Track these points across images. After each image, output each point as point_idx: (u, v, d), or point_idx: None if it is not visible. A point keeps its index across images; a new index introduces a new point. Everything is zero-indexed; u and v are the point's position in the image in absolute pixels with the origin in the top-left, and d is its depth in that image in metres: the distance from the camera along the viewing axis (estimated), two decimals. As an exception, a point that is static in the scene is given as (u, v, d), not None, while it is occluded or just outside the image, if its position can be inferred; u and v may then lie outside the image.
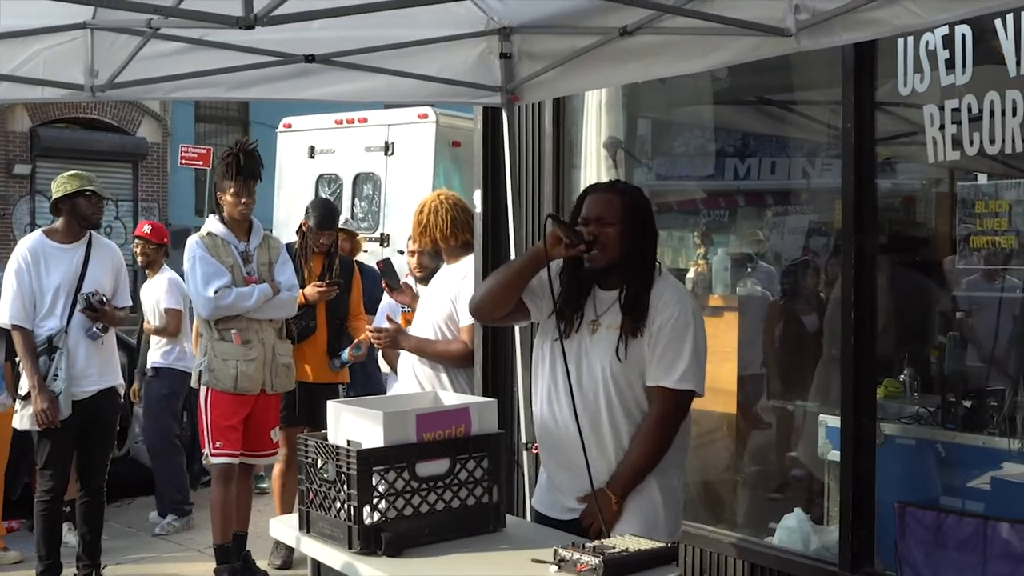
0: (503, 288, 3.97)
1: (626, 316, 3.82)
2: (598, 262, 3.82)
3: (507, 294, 3.97)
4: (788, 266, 6.13)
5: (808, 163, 6.12)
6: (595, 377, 3.86)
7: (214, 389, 6.26)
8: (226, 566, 6.37)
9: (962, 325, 5.01)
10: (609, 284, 3.89)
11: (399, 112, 12.60)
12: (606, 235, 3.80)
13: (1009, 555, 3.84)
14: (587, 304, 3.91)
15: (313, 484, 3.82)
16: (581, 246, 3.77)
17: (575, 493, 3.93)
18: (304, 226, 7.35)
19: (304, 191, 12.94)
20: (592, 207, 3.87)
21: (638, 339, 3.81)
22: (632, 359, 3.82)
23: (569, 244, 3.76)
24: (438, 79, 5.17)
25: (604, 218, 3.82)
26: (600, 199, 3.89)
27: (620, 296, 3.86)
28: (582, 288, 3.91)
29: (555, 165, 6.17)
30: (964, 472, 4.73)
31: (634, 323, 3.80)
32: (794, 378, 5.96)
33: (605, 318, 3.87)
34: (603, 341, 3.85)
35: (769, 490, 5.98)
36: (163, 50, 4.67)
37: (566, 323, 3.90)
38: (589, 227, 3.81)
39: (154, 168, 23.80)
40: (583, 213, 3.88)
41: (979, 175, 4.73)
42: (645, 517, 3.86)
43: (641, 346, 3.82)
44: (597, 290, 3.91)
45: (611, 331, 3.84)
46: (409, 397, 4.77)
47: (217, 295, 6.16)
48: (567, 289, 3.92)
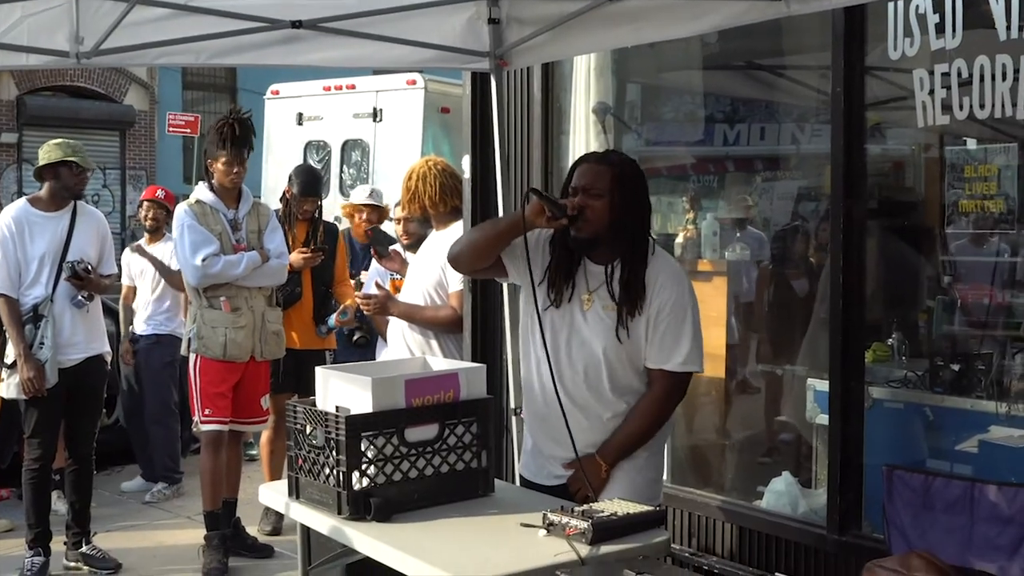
0: (482, 245, 3.97)
1: (623, 297, 3.80)
2: (583, 232, 3.79)
3: (485, 251, 3.96)
4: (777, 231, 6.14)
5: (797, 128, 6.11)
6: (591, 355, 3.84)
7: (203, 356, 6.25)
8: (216, 533, 6.36)
9: (950, 289, 5.02)
10: (599, 258, 3.86)
11: (387, 78, 12.55)
12: (592, 207, 3.76)
13: (996, 517, 3.84)
14: (578, 275, 3.89)
15: (302, 450, 3.82)
16: (563, 219, 3.74)
17: (561, 462, 3.94)
18: (288, 193, 7.32)
19: (292, 158, 12.91)
20: (581, 176, 3.83)
21: (635, 319, 3.80)
22: (630, 339, 3.82)
23: (551, 216, 3.74)
24: (426, 45, 5.14)
25: (592, 188, 3.78)
26: (590, 169, 3.85)
27: (608, 271, 3.83)
28: (573, 258, 3.88)
29: (544, 131, 6.15)
30: (951, 435, 4.74)
31: (631, 304, 3.79)
32: (782, 342, 5.98)
33: (599, 295, 3.85)
34: (600, 321, 3.83)
35: (757, 454, 6.01)
36: (149, 16, 4.62)
37: (557, 293, 3.89)
38: (576, 197, 3.78)
39: (141, 136, 23.72)
40: (573, 182, 3.85)
41: (968, 140, 4.73)
42: (629, 484, 3.87)
43: (638, 326, 3.81)
44: (587, 263, 3.88)
45: (608, 312, 3.82)
46: (397, 363, 4.78)
47: (205, 263, 6.14)
48: (557, 258, 3.90)
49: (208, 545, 6.37)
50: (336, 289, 7.44)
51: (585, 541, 3.27)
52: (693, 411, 6.08)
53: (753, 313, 6.08)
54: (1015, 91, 4.28)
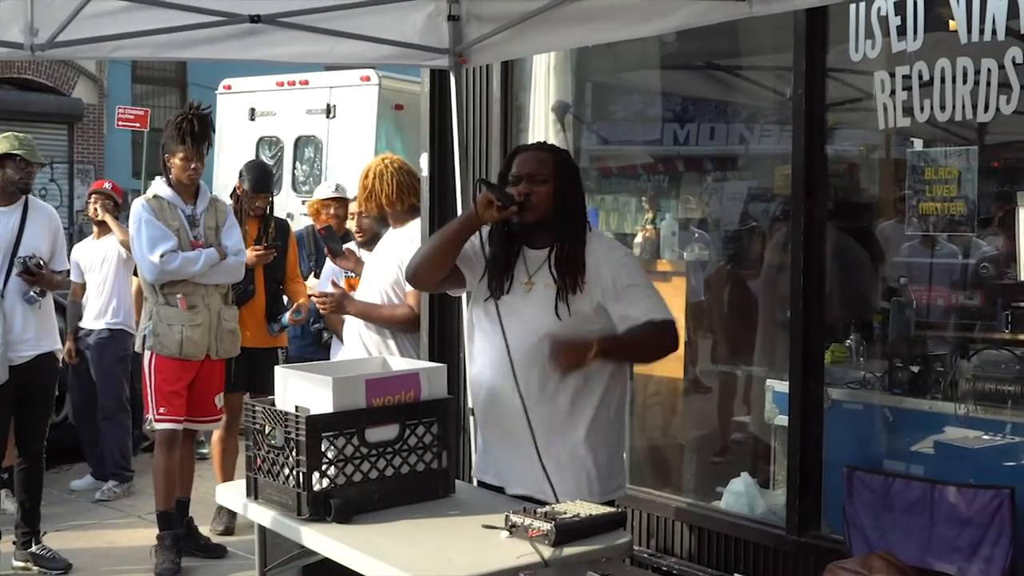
0: (437, 254, 3.97)
1: (563, 273, 3.81)
2: (529, 218, 3.82)
3: (441, 260, 3.96)
4: (735, 231, 6.15)
5: (757, 129, 6.14)
6: (538, 337, 3.80)
7: (159, 354, 6.18)
8: (169, 532, 6.29)
9: (907, 291, 5.05)
10: (538, 243, 3.89)
11: (341, 74, 12.47)
12: (537, 193, 3.82)
13: (955, 518, 3.88)
14: (517, 265, 3.91)
15: (261, 450, 3.78)
16: (513, 207, 3.77)
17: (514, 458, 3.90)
18: (239, 189, 7.24)
19: (244, 154, 12.79)
20: (523, 165, 3.89)
21: (577, 296, 3.79)
22: (573, 317, 3.80)
23: (501, 206, 3.76)
24: (386, 41, 5.11)
25: (536, 175, 3.84)
26: (531, 157, 3.92)
27: (550, 254, 3.85)
28: (511, 249, 3.92)
29: (503, 129, 6.14)
30: (910, 437, 4.77)
31: (570, 279, 3.80)
32: (741, 343, 6.00)
33: (538, 277, 3.87)
34: (540, 299, 3.83)
35: (715, 455, 6.03)
36: (105, 8, 4.57)
37: (497, 283, 3.90)
38: (520, 185, 3.82)
39: (90, 129, 23.42)
40: (514, 171, 3.89)
41: (929, 142, 4.76)
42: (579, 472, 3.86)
43: (582, 303, 3.81)
44: (527, 250, 3.92)
45: (548, 289, 3.83)
46: (358, 363, 4.74)
47: (163, 259, 6.07)
48: (496, 249, 3.93)
49: (160, 545, 6.30)
50: (287, 287, 7.37)
51: (548, 543, 3.27)
52: (651, 411, 6.09)
53: (712, 314, 6.09)
54: (975, 94, 4.32)
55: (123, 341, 8.12)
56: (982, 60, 4.31)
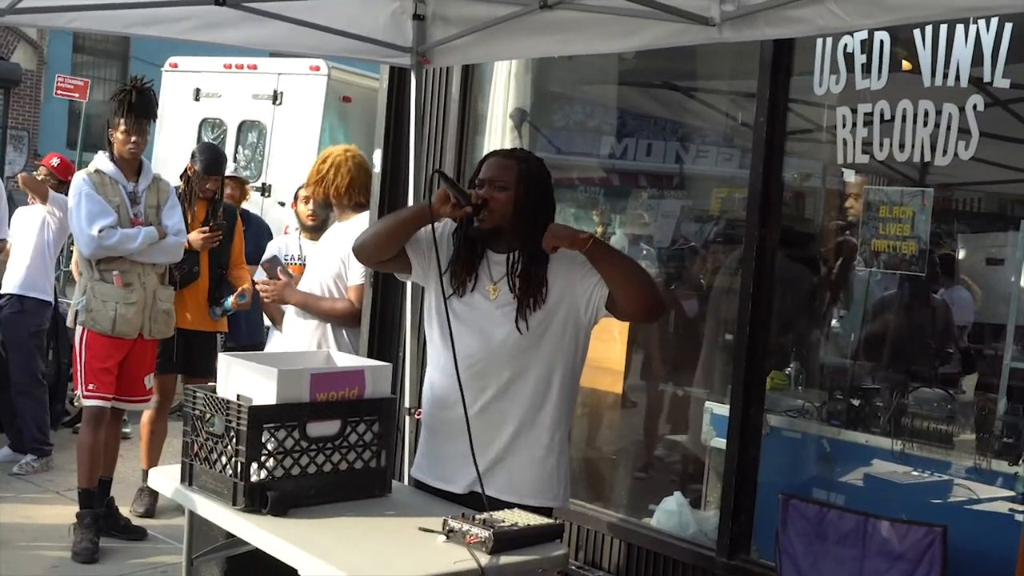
0: (386, 235, 3.95)
1: (523, 289, 3.79)
2: (485, 223, 3.80)
3: (389, 242, 3.93)
4: (679, 250, 6.18)
5: (710, 151, 6.18)
6: (497, 344, 3.81)
7: (91, 330, 6.10)
8: (89, 511, 6.20)
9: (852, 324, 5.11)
10: (502, 248, 3.86)
11: (291, 62, 12.39)
12: (497, 199, 3.79)
13: (887, 552, 3.93)
14: (481, 267, 3.88)
15: (199, 437, 3.73)
16: (468, 207, 3.75)
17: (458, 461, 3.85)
18: (190, 170, 7.17)
19: (186, 134, 12.72)
20: (488, 169, 3.87)
21: (539, 312, 3.78)
22: (536, 327, 3.79)
23: (455, 204, 3.74)
24: (348, 34, 5.07)
25: (497, 181, 3.81)
26: (497, 162, 3.90)
27: (510, 261, 3.83)
28: (475, 249, 3.89)
29: (459, 131, 6.14)
30: (845, 468, 4.83)
31: (530, 294, 3.78)
32: (682, 364, 6.03)
33: (503, 284, 3.84)
34: (502, 309, 3.82)
35: (649, 472, 6.05)
36: (67, -22, 4.50)
37: (459, 283, 3.88)
38: (483, 189, 3.81)
39: (26, 96, 23.06)
40: (481, 175, 3.88)
41: (886, 180, 4.82)
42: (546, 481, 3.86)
43: (545, 315, 3.80)
44: (490, 253, 3.89)
45: (511, 297, 3.81)
46: (302, 355, 4.70)
47: (101, 234, 5.99)
48: (458, 248, 3.91)
49: (80, 523, 6.20)
50: (231, 272, 7.30)
51: (485, 550, 3.25)
52: (587, 425, 6.11)
53: (654, 333, 6.11)
54: (935, 137, 4.39)
55: (37, 314, 8.00)
56: (944, 104, 4.38)
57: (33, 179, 8.19)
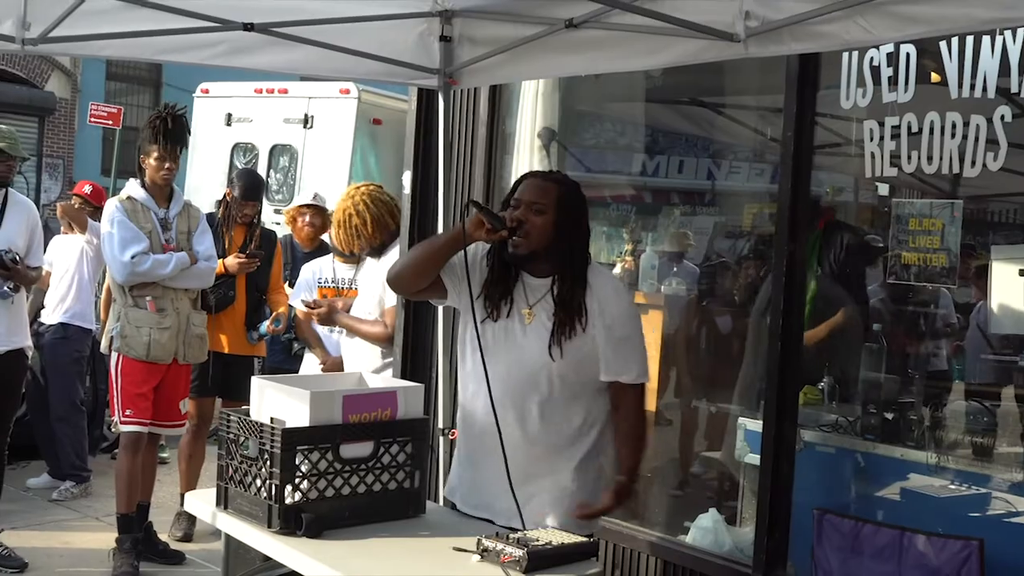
0: (421, 262, 3.95)
1: (561, 315, 3.78)
2: (520, 248, 3.78)
3: (424, 269, 3.93)
4: (711, 267, 6.17)
5: (741, 167, 6.17)
6: (531, 369, 3.81)
7: (126, 356, 6.15)
8: (128, 536, 6.24)
9: (884, 338, 5.08)
10: (539, 271, 3.85)
11: (320, 85, 12.45)
12: (533, 222, 3.77)
13: (923, 567, 3.90)
14: (516, 290, 3.87)
15: (233, 460, 3.75)
16: (503, 232, 3.74)
17: (492, 487, 3.85)
18: (228, 196, 7.23)
19: (219, 159, 12.79)
20: (525, 191, 3.85)
21: (572, 339, 3.78)
22: (570, 356, 3.79)
23: (490, 229, 3.74)
24: (376, 57, 5.10)
25: (535, 204, 3.79)
26: (535, 185, 3.87)
27: (552, 287, 3.82)
28: (510, 272, 3.87)
29: (488, 151, 6.15)
30: (881, 482, 4.80)
31: (569, 320, 3.78)
32: (715, 380, 6.01)
33: (540, 308, 3.83)
34: (538, 334, 3.81)
35: (684, 489, 6.02)
36: (99, 7, 4.52)
37: (493, 306, 3.87)
38: (518, 211, 3.79)
39: (61, 124, 23.24)
40: (517, 196, 3.86)
41: (915, 193, 4.80)
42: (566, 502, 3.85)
43: (581, 343, 3.79)
44: (527, 277, 3.87)
45: (547, 323, 3.80)
46: (334, 377, 4.75)
47: (134, 260, 6.05)
48: (493, 271, 3.89)
49: (119, 548, 6.25)
50: (270, 296, 7.35)
51: (520, 569, 3.26)
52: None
53: (687, 348, 6.10)
54: (963, 148, 4.36)
55: (78, 341, 8.06)
56: (971, 116, 4.35)
57: (72, 208, 8.26)
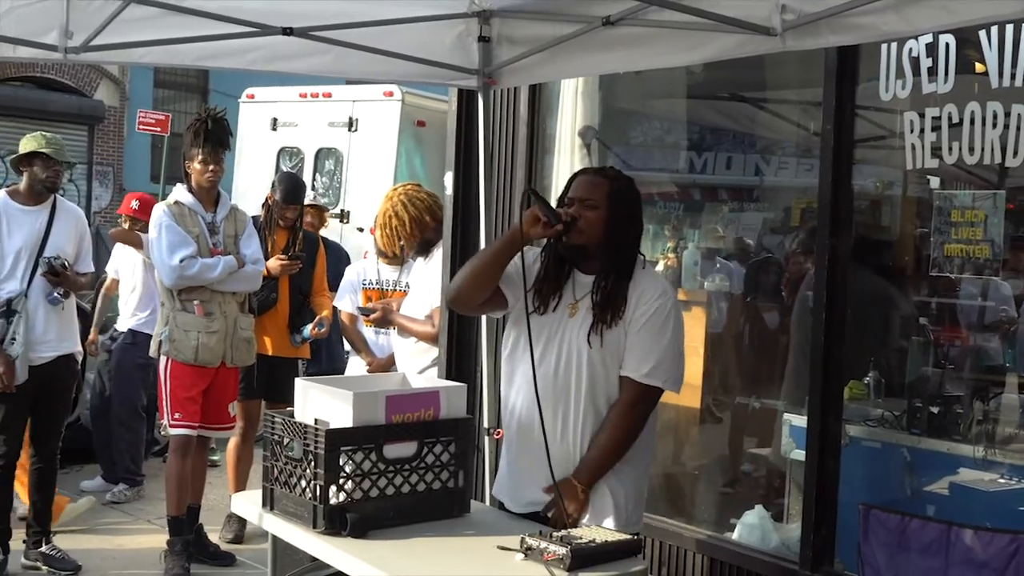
0: (481, 274, 3.90)
1: (601, 304, 3.79)
2: (573, 241, 3.78)
3: (486, 279, 3.89)
4: (756, 263, 6.15)
5: (777, 161, 6.15)
6: (571, 361, 3.81)
7: (174, 360, 6.21)
8: (179, 538, 6.31)
9: (928, 331, 5.04)
10: (589, 268, 3.85)
11: (364, 89, 12.50)
12: (587, 217, 3.77)
13: (971, 561, 3.86)
14: (566, 286, 3.88)
15: (279, 461, 3.78)
16: (558, 225, 3.73)
17: (538, 482, 3.86)
18: (270, 199, 7.29)
19: (265, 163, 12.87)
20: (578, 187, 3.85)
21: (614, 328, 3.78)
22: (610, 347, 3.79)
23: (546, 223, 3.73)
24: (415, 59, 5.11)
25: (588, 199, 3.79)
26: (588, 180, 3.87)
27: (597, 281, 3.82)
28: (562, 268, 3.88)
29: (529, 151, 6.15)
30: (927, 477, 4.76)
31: (607, 310, 3.78)
32: (760, 376, 5.99)
33: (584, 302, 3.84)
34: (581, 325, 3.81)
35: (730, 486, 6.01)
36: (139, 15, 4.56)
37: (542, 301, 3.87)
38: (572, 207, 3.79)
39: (110, 132, 23.50)
40: (571, 193, 3.85)
41: (957, 184, 4.76)
42: (604, 507, 3.83)
43: (618, 334, 3.80)
44: (577, 273, 3.88)
45: (589, 315, 3.81)
46: (377, 378, 4.77)
47: (182, 264, 6.10)
48: (547, 268, 3.89)
49: (171, 550, 6.32)
50: (313, 299, 7.40)
51: (563, 567, 3.26)
52: (667, 440, 6.08)
53: (731, 345, 6.09)
54: (1005, 138, 4.32)
55: (146, 347, 8.13)
56: (1013, 105, 4.31)
57: (124, 232, 8.30)
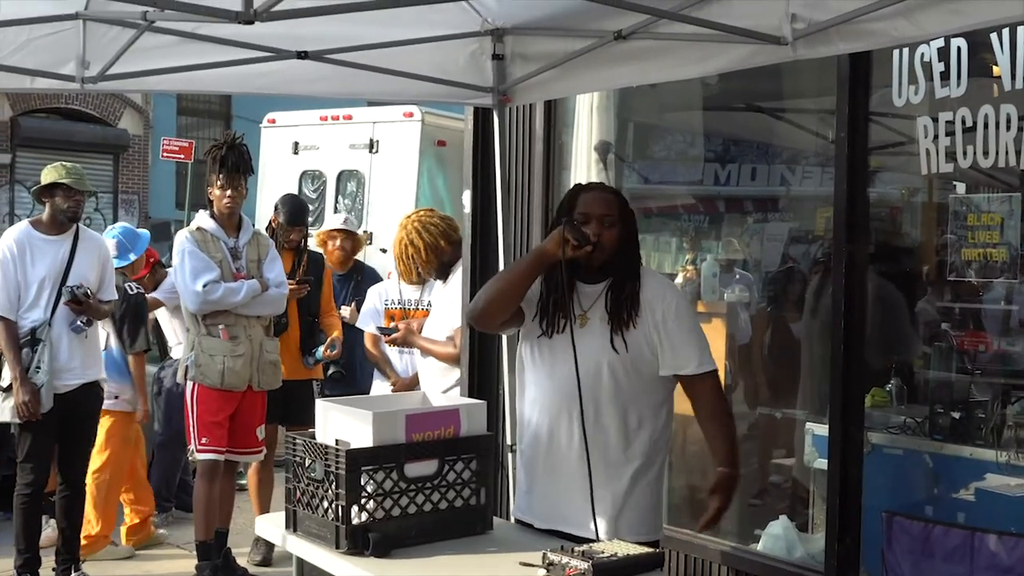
0: (508, 292, 3.94)
1: (617, 309, 3.83)
2: (596, 261, 3.83)
3: (510, 298, 3.93)
4: (775, 273, 6.15)
5: (793, 171, 6.15)
6: (589, 370, 3.82)
7: (201, 384, 6.23)
8: (207, 563, 6.33)
9: (949, 336, 5.01)
10: (593, 278, 3.90)
11: (384, 110, 12.55)
12: (607, 235, 3.84)
13: (996, 567, 3.86)
14: (572, 300, 3.90)
15: (300, 483, 3.81)
16: (588, 247, 3.78)
17: (570, 496, 3.88)
18: (274, 222, 7.30)
19: (287, 187, 12.88)
20: (593, 205, 3.89)
21: (633, 330, 3.82)
22: (634, 350, 3.83)
23: (576, 245, 3.76)
24: (429, 78, 5.15)
25: (606, 216, 3.86)
26: (600, 198, 3.93)
27: (607, 291, 3.87)
28: (563, 286, 3.89)
29: (545, 167, 6.16)
30: (950, 483, 4.72)
31: (625, 313, 3.82)
32: (781, 386, 5.97)
33: (593, 311, 3.87)
34: (596, 333, 3.84)
35: (754, 497, 5.98)
36: (154, 43, 4.63)
37: (549, 322, 3.90)
38: (589, 225, 3.83)
39: (135, 160, 23.71)
40: (582, 210, 3.88)
41: (972, 188, 4.74)
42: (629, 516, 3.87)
43: (638, 336, 3.83)
44: (580, 285, 3.92)
45: (603, 323, 3.84)
46: (397, 398, 4.78)
47: (206, 289, 6.13)
48: (549, 286, 3.92)
49: (199, 575, 6.32)
50: (322, 320, 7.41)
51: (585, 582, 3.26)
52: (690, 452, 6.05)
53: (751, 355, 6.07)
54: (1019, 141, 4.30)
55: None
56: (1026, 108, 4.31)
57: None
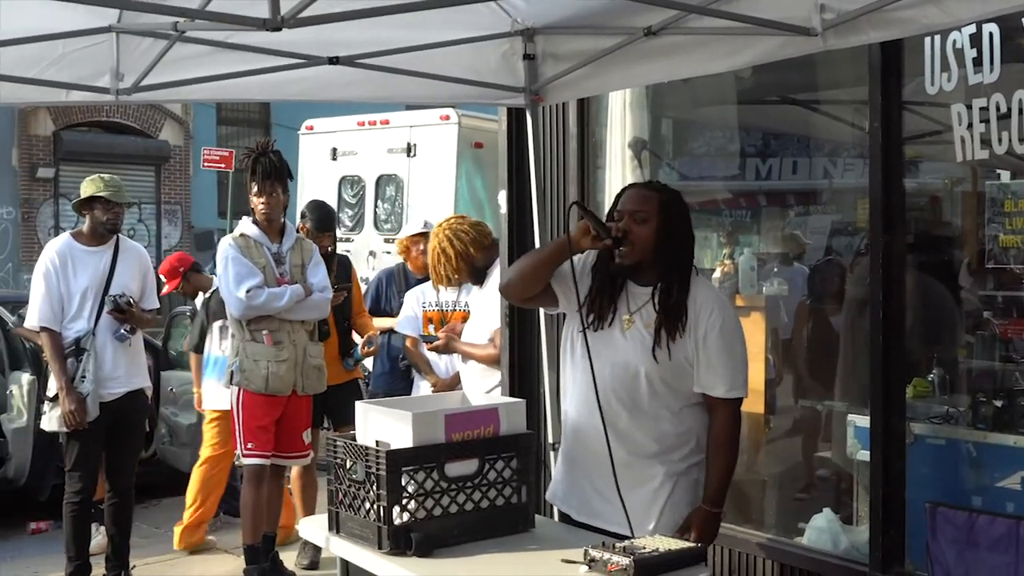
0: (529, 273, 4.00)
1: (664, 317, 3.80)
2: (627, 258, 3.81)
3: (534, 279, 3.98)
4: (814, 266, 6.12)
5: (832, 163, 6.11)
6: (631, 376, 3.83)
7: (245, 390, 6.25)
8: (255, 567, 6.35)
9: (990, 325, 4.97)
10: (644, 280, 3.87)
11: (421, 114, 12.61)
12: (637, 232, 3.80)
13: (1042, 555, 3.82)
14: (620, 299, 3.89)
15: (342, 484, 3.83)
16: (608, 240, 3.77)
17: (599, 492, 3.91)
18: (302, 229, 7.33)
19: (327, 193, 12.98)
20: (628, 201, 3.88)
21: (678, 341, 3.79)
22: (677, 360, 3.81)
23: (596, 236, 3.76)
24: (461, 80, 5.16)
25: (638, 213, 3.82)
26: (637, 194, 3.90)
27: (655, 293, 3.83)
28: (615, 282, 3.90)
29: (580, 165, 6.16)
30: (994, 472, 4.67)
31: (671, 324, 3.79)
32: (822, 378, 5.94)
33: (640, 316, 3.85)
34: (642, 340, 3.82)
35: (798, 490, 5.96)
36: (187, 53, 4.66)
37: (596, 315, 3.89)
38: (622, 221, 3.82)
39: (176, 171, 23.86)
40: (619, 206, 3.89)
41: (1008, 174, 4.70)
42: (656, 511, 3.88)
43: (681, 348, 3.80)
44: (631, 285, 3.90)
45: (647, 329, 3.82)
46: (437, 398, 4.80)
47: (249, 295, 6.15)
48: (598, 281, 3.92)
49: (247, 578, 6.38)
50: (355, 321, 7.47)
51: (627, 578, 3.27)
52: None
53: (792, 348, 6.05)
54: (1054, 126, 4.28)
55: None
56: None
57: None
